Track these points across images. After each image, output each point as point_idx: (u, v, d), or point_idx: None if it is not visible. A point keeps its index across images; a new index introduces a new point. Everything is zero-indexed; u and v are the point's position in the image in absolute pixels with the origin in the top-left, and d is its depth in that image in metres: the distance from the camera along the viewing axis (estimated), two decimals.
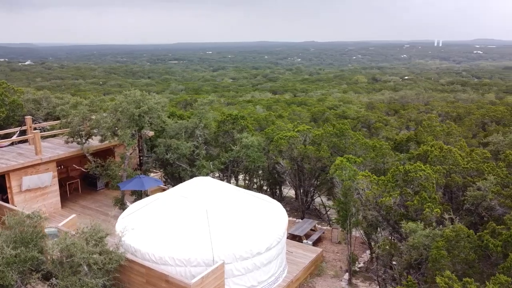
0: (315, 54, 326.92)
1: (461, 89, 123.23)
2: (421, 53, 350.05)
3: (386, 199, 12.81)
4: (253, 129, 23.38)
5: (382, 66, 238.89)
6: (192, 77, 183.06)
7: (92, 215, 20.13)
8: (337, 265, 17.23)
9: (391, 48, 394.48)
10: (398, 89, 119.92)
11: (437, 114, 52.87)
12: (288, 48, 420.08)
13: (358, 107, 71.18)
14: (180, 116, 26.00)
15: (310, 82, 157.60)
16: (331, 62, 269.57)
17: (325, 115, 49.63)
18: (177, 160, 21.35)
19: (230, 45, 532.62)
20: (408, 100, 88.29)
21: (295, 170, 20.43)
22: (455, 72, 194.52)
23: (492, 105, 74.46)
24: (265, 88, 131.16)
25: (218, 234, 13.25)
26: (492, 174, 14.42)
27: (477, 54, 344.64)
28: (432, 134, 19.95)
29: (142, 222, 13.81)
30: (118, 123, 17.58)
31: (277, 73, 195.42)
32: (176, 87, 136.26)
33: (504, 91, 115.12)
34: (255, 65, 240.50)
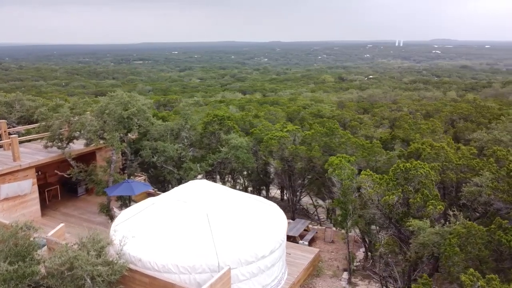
0: (281, 54, 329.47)
1: (423, 87, 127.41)
2: (383, 53, 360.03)
3: (390, 197, 12.84)
4: (238, 130, 23.05)
5: (347, 65, 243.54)
6: (159, 77, 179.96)
7: (76, 223, 19.21)
8: (334, 265, 17.22)
9: (355, 48, 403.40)
10: (364, 88, 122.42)
11: (408, 112, 54.35)
12: (254, 48, 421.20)
13: (330, 106, 72.18)
14: (162, 117, 25.31)
15: (278, 81, 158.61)
16: (297, 62, 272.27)
17: (301, 115, 49.81)
18: (164, 163, 20.71)
19: (196, 45, 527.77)
20: (376, 98, 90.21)
21: (286, 170, 20.27)
22: (416, 71, 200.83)
23: (455, 102, 77.54)
24: (234, 88, 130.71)
25: (222, 239, 12.88)
26: (485, 170, 14.80)
27: (436, 54, 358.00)
28: (418, 132, 20.31)
29: (140, 229, 13.23)
30: (105, 126, 16.80)
31: (244, 73, 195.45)
32: (143, 87, 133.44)
33: (463, 89, 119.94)
34: (222, 65, 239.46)
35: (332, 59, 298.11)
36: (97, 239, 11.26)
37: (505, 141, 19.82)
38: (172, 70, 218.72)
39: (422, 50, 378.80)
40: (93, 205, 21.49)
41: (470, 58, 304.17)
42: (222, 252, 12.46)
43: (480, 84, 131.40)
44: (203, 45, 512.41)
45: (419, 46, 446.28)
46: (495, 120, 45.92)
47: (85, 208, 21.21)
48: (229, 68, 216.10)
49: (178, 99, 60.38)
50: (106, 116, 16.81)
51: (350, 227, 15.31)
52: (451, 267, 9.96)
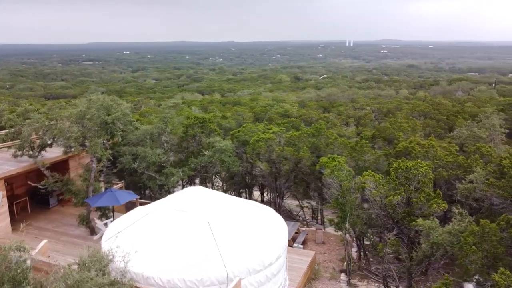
0: (236, 54, 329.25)
1: (376, 86, 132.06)
2: (335, 52, 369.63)
3: (395, 197, 12.83)
4: (221, 133, 22.44)
5: (301, 65, 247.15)
6: (111, 78, 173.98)
7: (52, 238, 17.77)
8: (329, 266, 17.10)
9: (307, 48, 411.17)
10: (320, 87, 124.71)
11: (370, 110, 55.80)
12: (208, 48, 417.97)
13: (292, 105, 72.77)
14: (137, 121, 24.14)
15: (235, 81, 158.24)
16: (252, 62, 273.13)
17: (268, 115, 49.73)
18: (145, 169, 19.71)
19: (149, 45, 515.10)
20: (334, 97, 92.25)
21: (273, 172, 19.94)
22: (367, 70, 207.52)
23: (408, 100, 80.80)
24: (192, 88, 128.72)
25: (227, 248, 12.30)
26: (473, 166, 15.22)
27: (384, 54, 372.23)
28: (400, 131, 20.67)
29: (139, 243, 12.35)
30: (87, 132, 15.65)
31: (200, 73, 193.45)
32: (96, 89, 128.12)
33: (412, 87, 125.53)
34: (177, 65, 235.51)
35: (286, 59, 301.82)
36: (99, 257, 10.33)
37: (484, 137, 20.67)
38: (125, 71, 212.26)
39: (371, 50, 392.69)
40: (68, 217, 20.08)
41: (415, 58, 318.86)
42: (229, 263, 11.90)
43: (427, 82, 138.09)
44: (155, 45, 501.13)
45: (368, 46, 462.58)
46: (452, 116, 48.20)
47: (59, 220, 19.75)
48: (184, 69, 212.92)
49: (139, 101, 58.37)
50: (87, 121, 15.64)
51: (349, 228, 15.21)
52: (468, 265, 10.01)
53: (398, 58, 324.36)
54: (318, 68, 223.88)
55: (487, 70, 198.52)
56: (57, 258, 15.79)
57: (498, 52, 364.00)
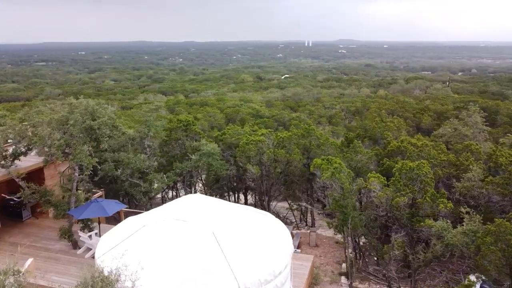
0: (196, 54, 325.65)
1: (337, 85, 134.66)
2: (295, 52, 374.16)
3: (402, 199, 12.69)
4: (205, 135, 21.67)
5: (262, 65, 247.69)
6: (67, 79, 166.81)
7: (30, 254, 16.32)
8: (327, 270, 16.83)
9: (268, 48, 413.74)
10: (283, 86, 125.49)
11: (340, 109, 56.56)
12: (168, 48, 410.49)
13: (259, 105, 72.54)
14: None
15: (198, 82, 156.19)
16: (213, 62, 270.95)
17: (240, 115, 49.18)
18: (129, 176, 18.63)
19: (105, 45, 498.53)
20: (300, 97, 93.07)
21: (263, 175, 19.45)
22: (327, 70, 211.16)
23: (371, 98, 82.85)
24: (154, 89, 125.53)
25: (236, 259, 11.67)
26: (470, 164, 15.41)
27: (342, 53, 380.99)
28: (386, 130, 20.76)
29: (142, 258, 11.45)
30: (71, 139, 14.48)
31: (161, 73, 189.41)
32: (52, 91, 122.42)
33: (371, 85, 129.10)
34: (136, 65, 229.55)
35: (247, 59, 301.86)
36: (105, 278, 9.42)
37: (468, 135, 21.17)
38: (81, 72, 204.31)
39: (329, 49, 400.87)
40: (45, 230, 18.64)
41: (372, 57, 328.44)
42: (240, 274, 11.28)
43: (385, 81, 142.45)
44: (113, 45, 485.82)
45: (326, 46, 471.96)
46: (419, 114, 49.61)
47: (36, 234, 18.27)
48: (144, 69, 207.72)
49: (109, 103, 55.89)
50: (71, 127, 14.47)
51: (350, 231, 14.98)
52: (488, 265, 9.97)
53: (356, 58, 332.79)
54: (279, 68, 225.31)
55: (438, 69, 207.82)
56: (40, 277, 14.56)
57: (448, 52, 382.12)
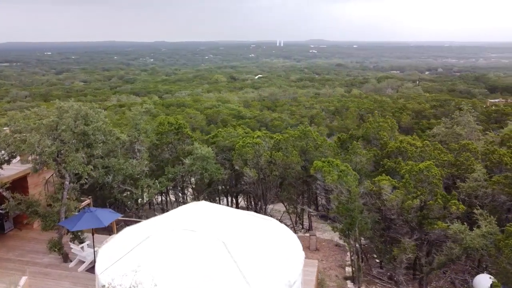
0: (168, 54, 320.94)
1: (310, 84, 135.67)
2: (266, 52, 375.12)
3: (414, 201, 12.48)
4: (198, 138, 20.95)
5: (234, 65, 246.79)
6: (33, 81, 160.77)
7: (18, 269, 15.25)
8: (331, 274, 16.50)
9: (240, 48, 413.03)
10: (257, 86, 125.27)
11: (320, 109, 56.71)
12: (138, 48, 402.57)
13: (236, 105, 71.92)
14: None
15: (171, 82, 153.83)
16: (185, 62, 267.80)
17: (221, 117, 48.47)
18: (121, 183, 17.72)
19: (73, 45, 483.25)
20: (277, 96, 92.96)
21: (261, 179, 18.95)
22: (299, 70, 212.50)
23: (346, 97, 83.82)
24: (126, 90, 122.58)
25: (249, 270, 11.12)
26: (472, 164, 15.41)
27: (313, 53, 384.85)
28: (382, 130, 20.65)
29: (152, 272, 10.70)
30: (63, 146, 13.52)
31: (132, 74, 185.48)
32: (18, 93, 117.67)
33: (344, 85, 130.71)
34: (105, 66, 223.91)
35: (219, 59, 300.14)
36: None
37: (462, 134, 21.34)
38: (47, 73, 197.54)
39: (300, 49, 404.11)
40: (31, 243, 17.46)
41: (342, 57, 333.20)
42: (255, 286, 10.74)
43: (357, 80, 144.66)
44: (80, 45, 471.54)
45: (297, 46, 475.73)
46: (398, 113, 50.31)
47: (21, 247, 17.07)
48: (114, 69, 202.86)
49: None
50: (63, 133, 13.51)
51: (358, 235, 14.68)
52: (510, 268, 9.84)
53: (327, 58, 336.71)
54: (252, 68, 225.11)
55: (407, 68, 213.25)
56: None
57: (415, 52, 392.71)
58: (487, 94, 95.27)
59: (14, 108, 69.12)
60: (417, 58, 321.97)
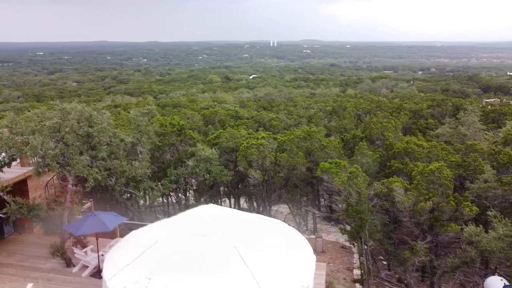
0: (161, 55, 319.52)
1: (305, 84, 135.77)
2: (260, 52, 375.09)
3: (428, 204, 12.29)
4: (200, 139, 20.65)
5: (228, 65, 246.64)
6: (26, 81, 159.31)
7: (20, 275, 14.84)
8: (339, 277, 16.29)
9: (233, 48, 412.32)
10: (252, 86, 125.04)
11: (318, 109, 56.53)
12: (131, 48, 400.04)
13: (233, 106, 71.58)
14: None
15: (165, 83, 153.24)
16: (178, 62, 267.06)
17: (218, 117, 48.07)
18: (124, 185, 17.37)
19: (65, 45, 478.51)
20: (272, 97, 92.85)
21: (265, 180, 18.71)
22: (293, 70, 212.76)
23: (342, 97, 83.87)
24: (120, 90, 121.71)
25: (263, 276, 10.84)
26: (481, 165, 15.29)
27: (306, 53, 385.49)
28: (386, 131, 20.52)
29: (164, 279, 10.40)
30: (66, 149, 13.17)
31: (125, 74, 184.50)
32: (11, 93, 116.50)
33: (338, 85, 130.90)
34: (98, 66, 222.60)
35: (213, 59, 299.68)
36: None
37: (468, 135, 21.25)
38: (40, 73, 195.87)
39: (294, 49, 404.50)
40: (31, 247, 17.01)
41: (335, 57, 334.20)
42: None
43: (351, 80, 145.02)
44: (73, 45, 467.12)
45: (291, 46, 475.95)
46: (395, 113, 50.31)
47: (21, 252, 16.61)
48: (107, 70, 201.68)
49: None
50: (66, 135, 13.16)
51: (368, 237, 14.48)
52: None
53: (320, 58, 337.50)
54: (245, 68, 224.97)
55: (400, 68, 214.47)
56: None
57: (407, 52, 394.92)
58: (480, 93, 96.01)
59: (8, 109, 68.30)
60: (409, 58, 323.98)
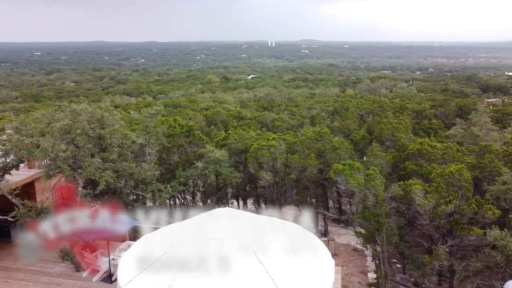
0: (159, 55, 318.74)
1: (304, 84, 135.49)
2: (258, 52, 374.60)
3: (449, 207, 12.03)
4: (208, 141, 20.34)
5: (227, 65, 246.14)
6: (23, 81, 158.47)
7: (29, 280, 14.55)
8: (354, 281, 16.02)
9: (231, 48, 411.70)
10: (251, 87, 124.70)
11: (320, 109, 56.30)
12: (129, 48, 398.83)
13: (233, 106, 71.28)
14: None
15: (163, 83, 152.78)
16: (176, 63, 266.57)
17: (221, 118, 47.76)
18: (134, 188, 17.06)
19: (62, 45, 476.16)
20: (272, 97, 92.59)
21: (276, 182, 18.42)
22: (291, 70, 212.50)
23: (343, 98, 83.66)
24: (118, 91, 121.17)
25: (283, 280, 10.55)
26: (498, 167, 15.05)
27: (304, 53, 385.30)
28: (397, 131, 20.27)
29: (183, 284, 10.08)
30: (78, 151, 12.85)
31: (123, 74, 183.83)
32: (9, 94, 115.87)
33: (337, 85, 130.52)
34: (96, 66, 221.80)
35: (211, 59, 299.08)
36: None
37: (480, 135, 21.03)
38: (37, 73, 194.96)
39: (292, 49, 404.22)
40: (39, 251, 16.67)
41: (333, 57, 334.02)
42: None
43: (350, 80, 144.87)
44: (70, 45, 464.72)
45: (289, 46, 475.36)
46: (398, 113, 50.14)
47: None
48: (105, 70, 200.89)
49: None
50: (78, 137, 12.84)
51: (384, 240, 14.22)
52: None
53: (318, 58, 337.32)
54: (244, 68, 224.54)
55: (398, 68, 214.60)
56: None
57: (405, 52, 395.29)
58: (480, 94, 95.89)
59: (7, 109, 67.78)
60: (407, 58, 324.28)
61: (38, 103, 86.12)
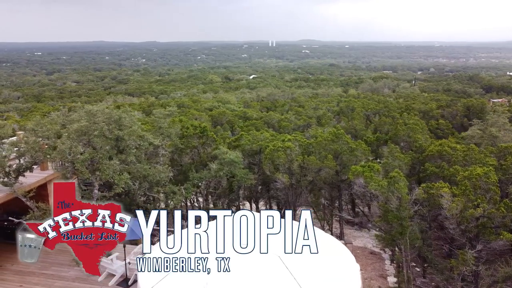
0: (159, 55, 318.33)
1: (305, 84, 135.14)
2: (259, 52, 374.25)
3: (478, 210, 11.71)
4: (221, 142, 20.02)
5: (228, 65, 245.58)
6: (25, 81, 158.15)
7: (43, 284, 14.25)
8: (373, 285, 15.71)
9: (232, 48, 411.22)
10: (252, 87, 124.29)
11: (326, 109, 55.96)
12: (129, 48, 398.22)
13: (237, 106, 70.92)
14: None
15: (165, 83, 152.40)
16: (177, 63, 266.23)
17: (227, 118, 47.41)
18: (148, 190, 16.74)
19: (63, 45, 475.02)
20: (275, 97, 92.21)
21: (292, 184, 18.10)
22: (292, 70, 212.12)
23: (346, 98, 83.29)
24: (120, 91, 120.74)
25: (310, 285, 10.28)
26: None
27: (305, 53, 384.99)
28: (413, 132, 19.95)
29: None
30: (95, 153, 12.53)
31: (124, 74, 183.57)
32: (10, 94, 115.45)
33: (339, 85, 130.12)
34: (97, 66, 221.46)
35: (212, 59, 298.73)
36: None
37: (499, 136, 20.70)
38: (38, 73, 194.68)
39: (293, 49, 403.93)
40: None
41: (334, 57, 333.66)
42: None
43: (352, 80, 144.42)
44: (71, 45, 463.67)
45: (289, 46, 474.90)
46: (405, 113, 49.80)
47: (43, 259, 15.78)
48: (106, 70, 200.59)
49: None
50: (95, 138, 12.52)
51: (408, 244, 13.89)
52: None
53: (319, 58, 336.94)
54: (245, 68, 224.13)
55: (399, 68, 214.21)
56: None
57: (405, 52, 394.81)
58: (483, 94, 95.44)
59: (10, 110, 67.42)
60: (408, 58, 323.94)
61: (41, 103, 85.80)
